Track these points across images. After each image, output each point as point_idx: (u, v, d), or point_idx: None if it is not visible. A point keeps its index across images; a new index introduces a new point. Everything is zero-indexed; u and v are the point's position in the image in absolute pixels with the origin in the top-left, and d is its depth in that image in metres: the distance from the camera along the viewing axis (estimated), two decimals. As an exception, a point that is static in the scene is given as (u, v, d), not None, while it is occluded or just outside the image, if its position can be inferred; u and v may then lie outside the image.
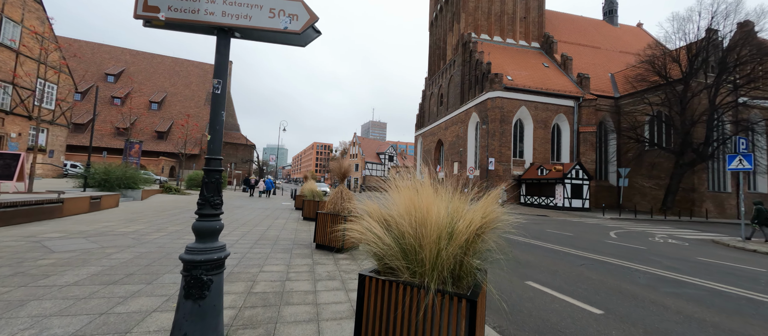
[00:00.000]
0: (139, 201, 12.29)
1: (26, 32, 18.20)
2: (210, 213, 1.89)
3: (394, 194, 1.99)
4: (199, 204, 1.91)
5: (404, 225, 1.75)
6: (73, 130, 40.42)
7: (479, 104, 31.06)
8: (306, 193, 10.09)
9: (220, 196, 1.96)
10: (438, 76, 44.58)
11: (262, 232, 6.98)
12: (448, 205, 1.89)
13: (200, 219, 1.89)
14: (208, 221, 1.89)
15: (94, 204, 8.36)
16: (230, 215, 9.73)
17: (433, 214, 1.72)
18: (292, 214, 11.09)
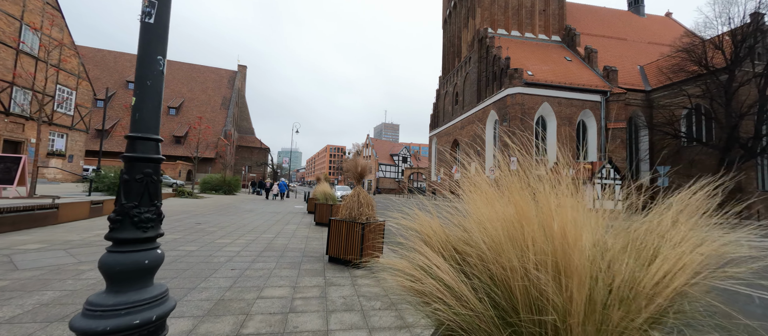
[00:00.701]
0: (149, 205, 11.89)
1: (45, 39, 18.46)
2: (132, 238, 1.03)
3: (475, 199, 1.09)
4: (111, 221, 1.06)
5: (512, 266, 0.83)
6: (96, 136, 41.73)
7: (498, 101, 29.65)
8: (318, 196, 9.31)
9: (154, 206, 1.10)
10: (452, 74, 43.33)
11: (269, 240, 6.20)
12: (597, 225, 0.96)
13: (114, 247, 1.04)
14: (129, 252, 1.03)
15: (96, 209, 7.85)
16: (238, 220, 9.06)
17: (580, 246, 0.79)
18: (303, 219, 10.34)
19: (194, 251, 4.78)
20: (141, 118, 1.15)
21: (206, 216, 9.59)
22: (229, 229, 7.19)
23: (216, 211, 11.18)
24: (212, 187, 24.11)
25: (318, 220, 8.93)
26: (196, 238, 5.90)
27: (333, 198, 9.01)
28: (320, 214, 8.89)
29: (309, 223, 9.36)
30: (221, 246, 5.31)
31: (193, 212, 10.44)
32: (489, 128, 32.17)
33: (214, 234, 6.44)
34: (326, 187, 9.19)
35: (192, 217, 9.00)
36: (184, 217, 8.84)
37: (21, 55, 17.03)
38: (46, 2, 18.52)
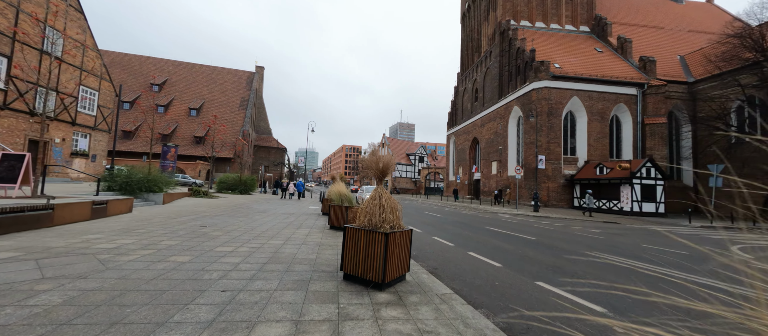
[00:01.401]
0: (160, 205, 11.50)
1: (68, 40, 18.81)
2: None
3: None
4: None
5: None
6: (122, 137, 43.17)
7: (522, 97, 27.97)
8: (333, 196, 8.49)
9: None
10: (472, 70, 41.71)
11: (277, 248, 5.39)
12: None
13: None
14: None
15: (99, 210, 7.37)
16: (248, 223, 8.38)
17: None
18: (317, 221, 9.56)
19: (186, 263, 4.02)
20: None
21: (214, 218, 8.99)
22: (234, 234, 6.48)
23: (226, 212, 10.61)
24: (228, 187, 23.99)
25: (332, 223, 8.11)
26: (195, 245, 5.18)
27: (349, 199, 8.15)
28: (335, 216, 8.06)
29: (323, 226, 8.56)
30: (219, 256, 4.54)
31: (203, 213, 9.91)
32: (512, 125, 30.49)
33: (216, 240, 5.72)
34: (342, 187, 8.36)
35: (199, 219, 8.41)
36: (190, 220, 8.25)
37: (45, 56, 17.35)
38: (69, 4, 18.87)
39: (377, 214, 3.71)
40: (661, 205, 20.11)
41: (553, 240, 8.69)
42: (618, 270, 5.62)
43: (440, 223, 12.14)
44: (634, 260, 6.47)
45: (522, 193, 27.26)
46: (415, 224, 11.06)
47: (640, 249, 7.93)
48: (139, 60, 56.12)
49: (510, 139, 30.54)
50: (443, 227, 10.72)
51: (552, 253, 6.83)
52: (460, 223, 12.39)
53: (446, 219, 13.75)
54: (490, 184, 33.69)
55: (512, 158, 30.31)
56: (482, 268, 5.29)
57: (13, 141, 16.13)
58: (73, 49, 19.18)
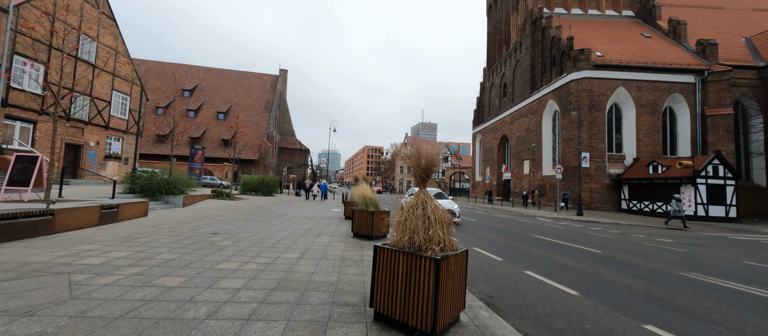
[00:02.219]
0: (179, 209, 11.11)
1: (101, 47, 19.41)
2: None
3: None
4: None
5: None
6: (155, 141, 45.22)
7: (559, 89, 25.70)
8: (356, 200, 7.49)
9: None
10: (499, 64, 39.47)
11: (291, 264, 4.45)
12: None
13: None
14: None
15: (108, 215, 6.86)
16: (264, 229, 7.58)
17: None
18: (339, 227, 8.62)
19: (173, 289, 3.14)
20: None
21: (230, 223, 8.29)
22: (245, 244, 5.63)
23: (244, 216, 9.96)
24: (252, 188, 23.90)
25: (356, 231, 7.12)
26: (195, 259, 4.34)
27: (374, 203, 7.12)
28: (359, 223, 7.05)
29: (346, 233, 7.58)
30: (219, 277, 3.63)
31: (220, 217, 9.30)
32: (546, 120, 28.18)
33: (222, 253, 4.87)
34: (366, 190, 7.34)
35: (214, 225, 7.73)
36: (203, 225, 7.58)
37: (79, 63, 17.94)
38: (102, 12, 19.47)
39: (422, 230, 2.61)
40: (731, 208, 17.34)
41: (624, 254, 7.14)
42: (746, 300, 4.12)
43: (476, 229, 10.80)
44: (754, 286, 4.88)
45: (561, 194, 24.96)
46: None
47: (745, 267, 6.22)
48: (172, 67, 58.71)
49: (544, 135, 28.26)
50: (481, 235, 9.40)
51: (635, 273, 5.38)
52: (498, 229, 10.97)
53: (481, 224, 12.36)
54: (522, 184, 31.45)
55: (547, 156, 28.01)
56: (553, 297, 4.03)
57: (50, 144, 16.69)
58: (105, 55, 19.78)
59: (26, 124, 15.57)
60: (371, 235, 6.80)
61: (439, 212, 2.70)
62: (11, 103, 14.67)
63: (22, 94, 15.07)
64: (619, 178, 22.34)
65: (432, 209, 2.67)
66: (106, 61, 19.87)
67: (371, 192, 7.37)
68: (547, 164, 27.89)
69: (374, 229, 6.84)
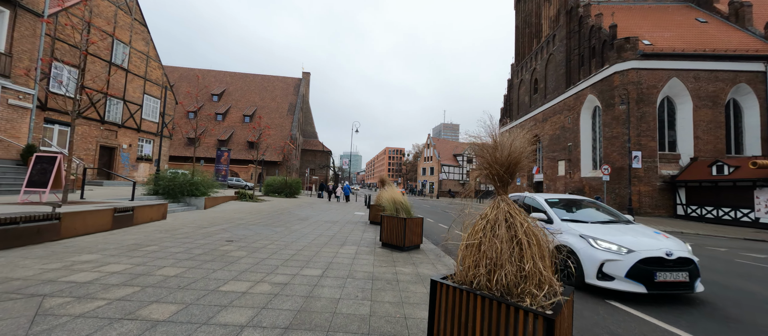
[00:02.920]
0: (201, 211, 10.79)
1: (134, 52, 20.04)
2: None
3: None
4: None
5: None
6: (186, 143, 47.05)
7: (600, 83, 23.49)
8: (385, 203, 6.60)
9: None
10: (529, 59, 37.24)
11: (311, 287, 3.62)
12: None
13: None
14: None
15: (123, 219, 6.44)
16: (283, 236, 6.90)
17: None
18: (365, 234, 7.78)
19: (160, 323, 2.40)
20: None
21: (249, 227, 7.70)
22: (260, 255, 4.91)
23: (265, 220, 9.39)
24: (275, 190, 23.78)
25: (385, 240, 6.23)
26: (199, 277, 3.63)
27: (406, 208, 6.19)
28: (389, 231, 6.16)
29: (372, 241, 6.73)
30: (221, 306, 2.87)
31: (239, 220, 8.77)
32: (585, 117, 25.92)
33: (234, 267, 4.15)
34: (395, 194, 6.42)
35: (231, 230, 7.16)
36: (220, 230, 7.02)
37: (112, 68, 18.55)
38: (134, 18, 20.11)
39: (509, 261, 1.65)
40: (824, 217, 14.65)
41: (729, 277, 5.71)
42: None
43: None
44: None
45: (603, 197, 22.72)
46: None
47: None
48: (202, 73, 61.09)
49: (582, 133, 26.00)
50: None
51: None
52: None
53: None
54: (556, 186, 29.21)
55: (586, 156, 25.74)
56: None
57: (86, 147, 17.33)
58: (137, 60, 20.41)
59: (64, 127, 16.19)
60: (403, 246, 5.88)
61: (534, 233, 1.73)
62: (50, 107, 15.27)
63: (61, 98, 15.67)
64: (674, 180, 19.88)
65: (524, 230, 1.71)
66: (138, 65, 20.49)
67: (402, 195, 6.45)
68: (586, 165, 25.62)
69: (406, 239, 5.92)
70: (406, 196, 6.51)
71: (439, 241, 8.05)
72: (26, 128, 11.34)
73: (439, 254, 5.91)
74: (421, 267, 4.79)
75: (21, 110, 11.15)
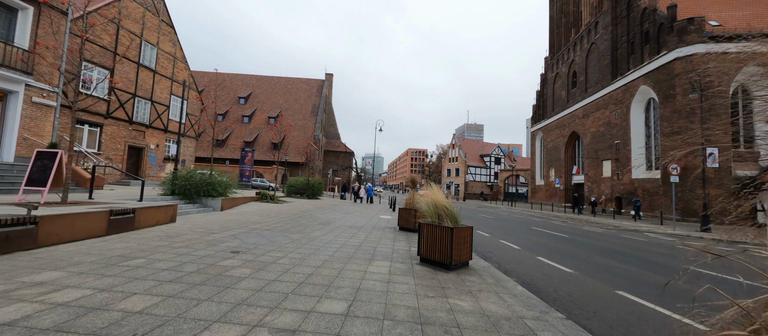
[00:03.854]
0: (217, 212, 10.04)
1: (161, 53, 20.20)
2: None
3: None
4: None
5: None
6: (214, 145, 48.22)
7: (656, 72, 20.71)
8: (424, 209, 5.29)
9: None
10: (566, 51, 34.33)
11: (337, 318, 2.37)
12: None
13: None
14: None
15: (121, 223, 5.62)
16: (301, 245, 5.80)
17: None
18: (396, 243, 6.52)
19: None
20: None
21: (263, 233, 6.69)
22: (268, 275, 3.79)
23: (282, 224, 8.40)
24: (297, 191, 23.16)
25: (425, 255, 4.91)
26: (169, 316, 2.52)
27: (453, 216, 4.83)
28: (430, 245, 4.83)
29: (406, 254, 5.45)
30: None
31: (254, 225, 7.83)
32: (636, 111, 23.06)
33: (226, 297, 3.03)
34: (438, 196, 5.07)
35: (242, 236, 6.16)
36: (229, 237, 6.04)
37: (141, 69, 18.71)
38: (162, 20, 20.29)
39: None
40: None
41: None
42: None
43: (620, 269, 7.85)
44: None
45: (660, 201, 19.93)
46: (581, 268, 7.07)
47: None
48: (230, 77, 62.85)
49: (633, 129, 23.15)
50: (634, 276, 6.53)
51: None
52: (656, 265, 7.86)
53: (611, 251, 9.27)
54: (601, 189, 26.35)
55: (638, 155, 22.85)
56: None
57: (115, 147, 17.50)
58: (165, 61, 20.58)
59: (93, 127, 16.38)
60: (449, 264, 4.54)
61: None
62: (80, 108, 15.40)
63: (90, 99, 15.87)
64: (758, 183, 16.81)
65: None
66: (166, 66, 20.66)
67: (446, 199, 5.10)
68: (638, 164, 22.73)
69: (454, 255, 4.57)
70: (450, 201, 5.15)
71: (487, 254, 6.61)
72: (50, 127, 11.22)
73: (497, 276, 4.51)
74: (482, 298, 3.44)
75: (45, 109, 11.03)
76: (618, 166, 24.45)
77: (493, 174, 56.28)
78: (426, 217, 5.18)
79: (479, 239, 8.61)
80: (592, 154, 27.95)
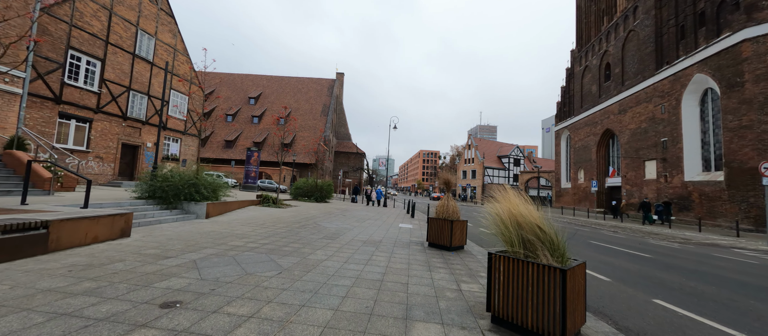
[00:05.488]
0: (200, 221, 8.12)
1: (160, 44, 18.75)
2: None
3: None
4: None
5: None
6: (224, 146, 47.25)
7: (716, 57, 17.84)
8: (496, 228, 3.09)
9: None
10: (597, 41, 31.38)
11: None
12: None
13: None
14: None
15: (21, 244, 3.67)
16: (289, 282, 3.74)
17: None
18: (435, 274, 4.38)
19: None
20: None
21: (241, 257, 4.66)
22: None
23: (276, 238, 6.37)
24: (304, 193, 21.28)
25: (502, 312, 2.75)
26: None
27: (554, 243, 2.66)
28: (516, 294, 2.66)
29: (461, 303, 3.29)
30: None
31: (238, 240, 5.83)
32: (689, 104, 20.11)
33: None
34: (524, 209, 2.90)
35: (208, 263, 4.15)
36: (187, 266, 4.04)
37: (136, 60, 17.25)
38: (161, 8, 18.86)
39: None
40: None
41: None
42: None
43: None
44: None
45: (724, 207, 16.99)
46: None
47: None
48: (241, 77, 62.16)
49: (686, 125, 20.21)
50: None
51: None
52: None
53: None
54: (643, 192, 23.37)
55: (692, 154, 19.90)
56: None
57: (106, 144, 16.02)
58: (164, 53, 19.13)
59: (82, 122, 14.91)
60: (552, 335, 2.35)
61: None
62: (65, 100, 13.96)
63: (78, 91, 14.44)
64: None
65: None
66: (165, 59, 19.19)
67: (535, 213, 2.90)
68: (693, 165, 19.77)
69: (568, 319, 2.38)
70: (541, 216, 2.94)
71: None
72: (14, 117, 9.62)
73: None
74: None
75: (8, 96, 9.43)
76: (665, 167, 21.49)
77: (512, 176, 53.20)
78: (508, 245, 2.99)
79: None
80: (632, 153, 24.98)
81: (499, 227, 3.06)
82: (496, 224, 3.10)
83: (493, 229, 3.12)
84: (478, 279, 4.42)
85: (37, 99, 12.75)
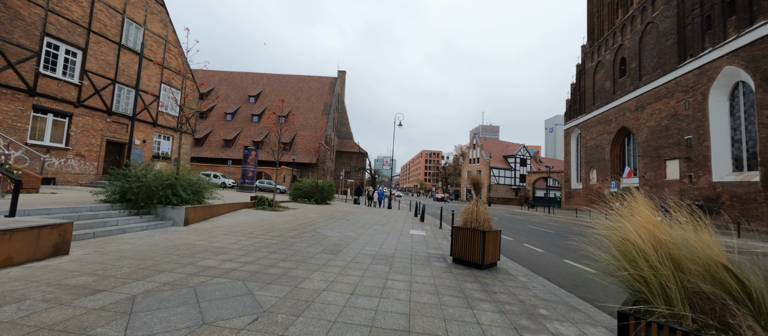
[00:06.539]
0: (178, 228, 6.82)
1: (149, 35, 17.50)
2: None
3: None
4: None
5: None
6: (223, 145, 46.01)
7: (749, 47, 16.44)
8: (640, 261, 1.73)
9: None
10: (611, 35, 29.96)
11: None
12: None
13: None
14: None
15: None
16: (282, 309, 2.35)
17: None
18: (481, 317, 3.04)
19: None
20: None
21: (208, 287, 3.35)
22: None
23: (263, 254, 5.06)
24: (304, 194, 19.98)
25: None
26: None
27: (763, 309, 1.33)
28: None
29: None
30: None
31: (214, 257, 4.53)
32: (716, 99, 18.68)
33: None
34: (707, 244, 1.59)
35: (153, 303, 2.85)
36: (117, 311, 2.69)
37: (123, 51, 16.00)
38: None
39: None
40: None
41: None
42: None
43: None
44: None
45: (761, 210, 15.58)
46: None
47: None
48: (241, 76, 61.00)
49: (713, 121, 18.79)
50: None
51: None
52: None
53: None
54: (666, 193, 21.92)
55: (721, 153, 18.48)
56: None
57: (89, 141, 14.76)
58: (154, 45, 17.88)
59: (60, 117, 13.65)
60: None
61: None
62: (41, 93, 12.69)
63: (55, 82, 13.20)
64: None
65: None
66: (155, 51, 17.94)
67: (711, 241, 1.59)
68: (722, 165, 18.35)
69: None
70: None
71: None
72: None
73: None
74: None
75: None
76: (690, 167, 20.06)
77: (518, 176, 51.75)
78: (656, 299, 1.64)
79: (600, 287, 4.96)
80: (651, 152, 23.55)
81: (626, 263, 1.72)
82: (617, 257, 1.77)
83: (614, 265, 1.79)
84: (542, 322, 3.08)
85: (6, 90, 11.51)
